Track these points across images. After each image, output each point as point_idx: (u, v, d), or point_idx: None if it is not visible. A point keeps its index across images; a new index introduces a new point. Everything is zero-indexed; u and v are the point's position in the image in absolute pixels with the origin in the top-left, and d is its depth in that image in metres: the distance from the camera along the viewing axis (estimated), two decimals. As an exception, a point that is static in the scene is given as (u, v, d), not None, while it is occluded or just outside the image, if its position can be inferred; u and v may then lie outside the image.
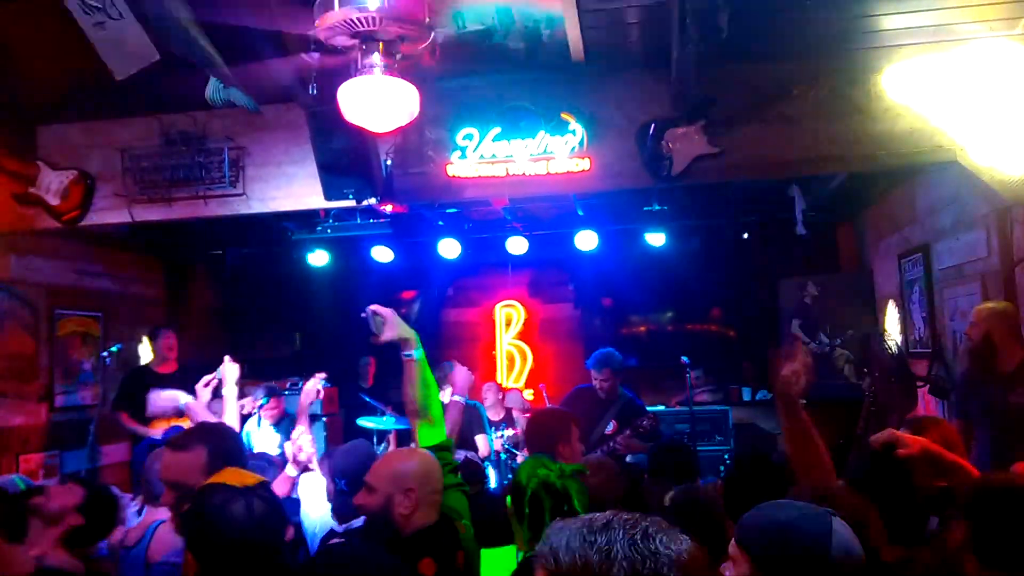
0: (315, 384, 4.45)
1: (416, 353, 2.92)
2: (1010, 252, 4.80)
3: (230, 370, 4.18)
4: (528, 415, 6.15)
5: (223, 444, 2.75)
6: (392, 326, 2.95)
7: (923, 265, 5.97)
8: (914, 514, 2.44)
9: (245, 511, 2.06)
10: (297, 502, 3.57)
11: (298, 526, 3.41)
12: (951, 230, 5.54)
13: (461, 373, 3.96)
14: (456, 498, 2.81)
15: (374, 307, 2.97)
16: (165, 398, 3.61)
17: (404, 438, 6.67)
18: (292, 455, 3.62)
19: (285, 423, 5.97)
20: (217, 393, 4.21)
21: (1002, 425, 4.33)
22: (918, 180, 6.04)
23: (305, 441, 3.61)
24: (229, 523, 2.04)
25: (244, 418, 5.76)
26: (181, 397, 3.90)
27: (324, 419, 7.27)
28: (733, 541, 1.74)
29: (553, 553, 1.30)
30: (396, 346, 2.97)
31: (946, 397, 5.44)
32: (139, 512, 3.35)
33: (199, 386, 4.18)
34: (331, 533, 3.26)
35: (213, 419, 3.63)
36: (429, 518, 2.58)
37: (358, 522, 3.17)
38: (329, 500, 3.45)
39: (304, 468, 3.60)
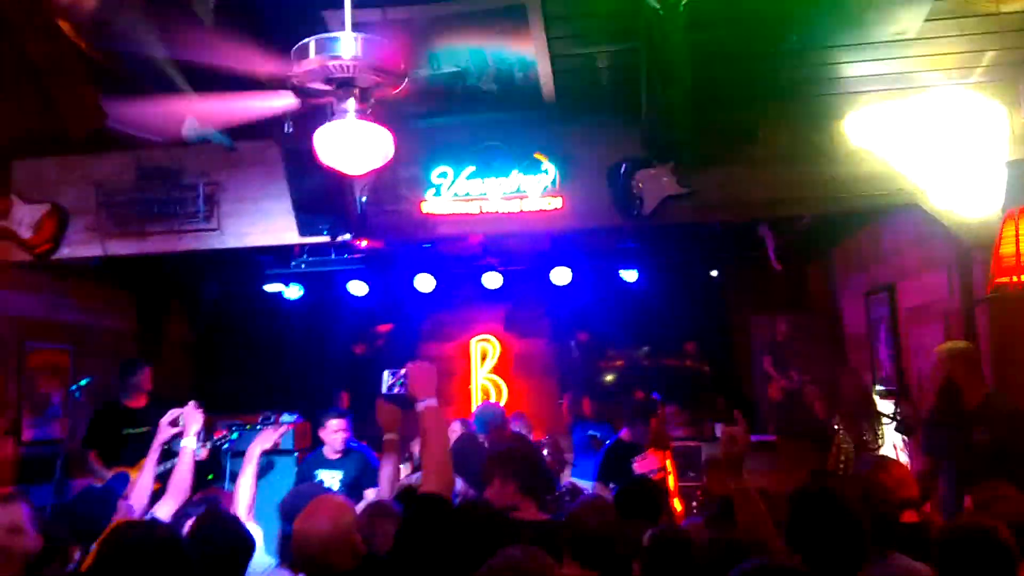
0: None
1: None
2: (971, 292, 4.92)
3: (192, 417, 4.08)
4: None
5: None
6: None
7: (888, 304, 6.09)
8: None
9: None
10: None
11: None
12: (915, 270, 5.67)
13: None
14: None
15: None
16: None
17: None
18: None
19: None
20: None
21: (966, 462, 4.40)
22: (883, 221, 6.18)
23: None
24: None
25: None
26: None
27: (296, 454, 7.20)
28: None
29: None
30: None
31: (911, 434, 5.52)
32: None
33: (164, 420, 4.11)
34: None
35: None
36: None
37: None
38: (275, 546, 3.34)
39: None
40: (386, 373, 3.01)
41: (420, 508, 2.61)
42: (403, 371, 2.95)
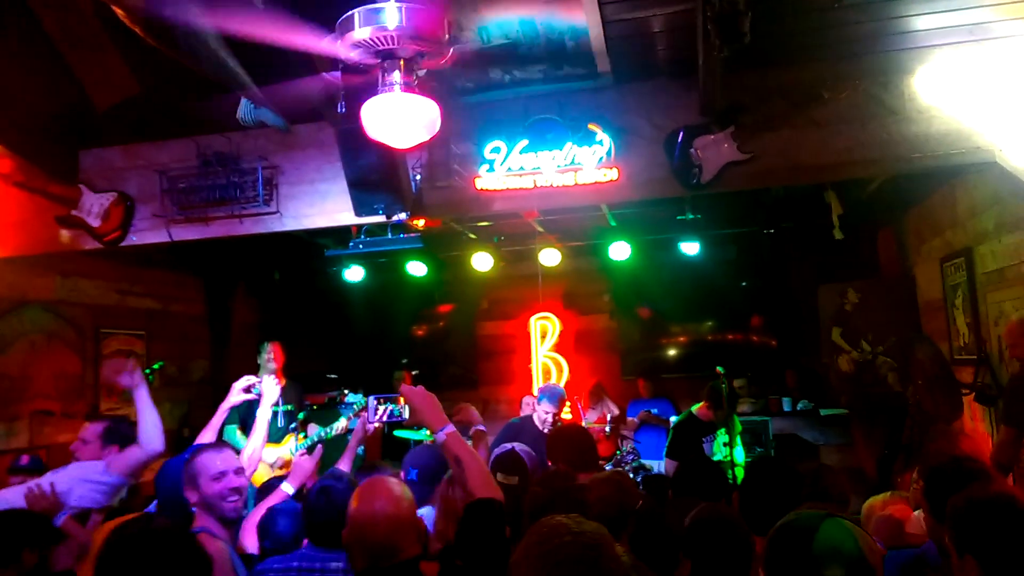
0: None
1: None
2: (1055, 254, 4.66)
3: (269, 389, 4.18)
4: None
5: None
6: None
7: (966, 269, 5.81)
8: None
9: None
10: None
11: None
12: (993, 232, 5.38)
13: None
14: None
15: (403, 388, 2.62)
16: None
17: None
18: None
19: None
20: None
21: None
22: (958, 181, 5.89)
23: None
24: None
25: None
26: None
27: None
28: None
29: None
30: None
31: (993, 404, 5.28)
32: None
33: (236, 385, 4.20)
34: None
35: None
36: None
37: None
38: None
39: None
40: (371, 400, 2.78)
41: (480, 512, 2.55)
42: (395, 400, 2.72)
